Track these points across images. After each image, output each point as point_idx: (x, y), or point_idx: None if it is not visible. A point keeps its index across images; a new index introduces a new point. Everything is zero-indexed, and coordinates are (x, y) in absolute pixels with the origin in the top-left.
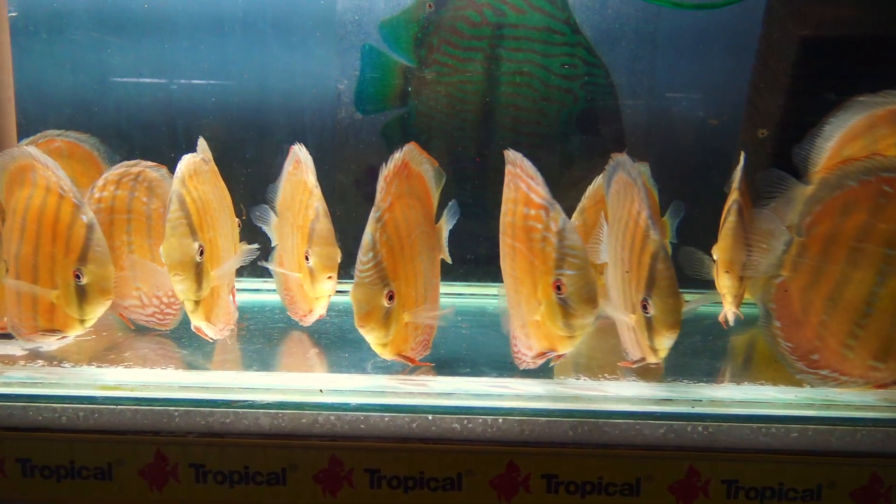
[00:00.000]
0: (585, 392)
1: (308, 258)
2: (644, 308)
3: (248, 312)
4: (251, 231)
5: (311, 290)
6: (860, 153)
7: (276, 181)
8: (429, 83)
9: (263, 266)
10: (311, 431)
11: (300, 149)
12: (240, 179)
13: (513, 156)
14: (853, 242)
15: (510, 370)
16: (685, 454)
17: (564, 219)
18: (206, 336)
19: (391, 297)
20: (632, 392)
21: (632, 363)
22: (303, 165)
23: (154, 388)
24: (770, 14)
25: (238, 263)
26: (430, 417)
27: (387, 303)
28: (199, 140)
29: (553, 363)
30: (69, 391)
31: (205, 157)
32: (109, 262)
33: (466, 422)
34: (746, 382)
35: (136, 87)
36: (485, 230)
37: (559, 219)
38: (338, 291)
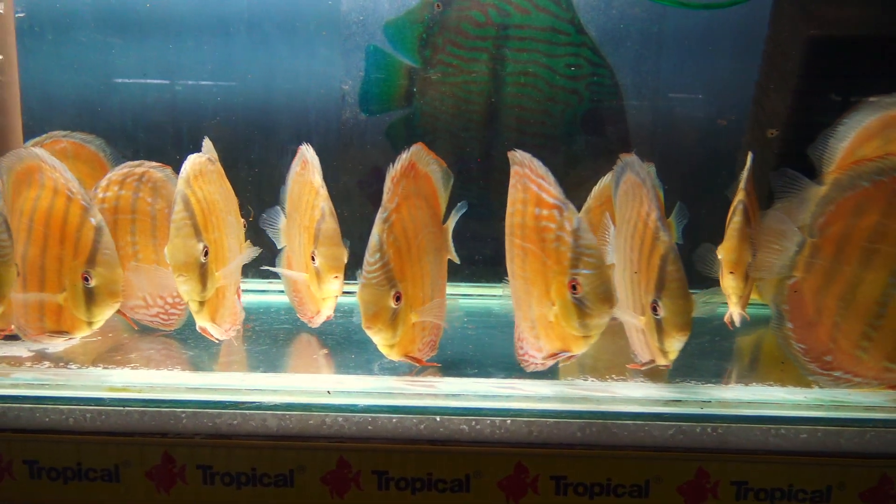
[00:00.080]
0: (594, 393)
1: (314, 258)
2: (654, 310)
3: (254, 313)
4: (258, 233)
5: (318, 291)
6: (874, 154)
7: (285, 182)
8: (433, 84)
9: (267, 269)
10: (319, 433)
11: (307, 149)
12: (243, 180)
13: (520, 156)
14: (866, 243)
15: (518, 371)
16: (694, 455)
17: (579, 218)
18: (212, 337)
19: (398, 299)
20: (640, 393)
21: (641, 365)
22: (310, 166)
23: (161, 390)
24: (777, 14)
25: (243, 262)
26: (439, 419)
27: (394, 304)
28: (205, 140)
29: (562, 364)
30: (76, 393)
31: (211, 157)
32: (118, 265)
33: (475, 423)
34: (755, 383)
35: (142, 88)
36: (489, 231)
37: (573, 218)
38: (344, 292)
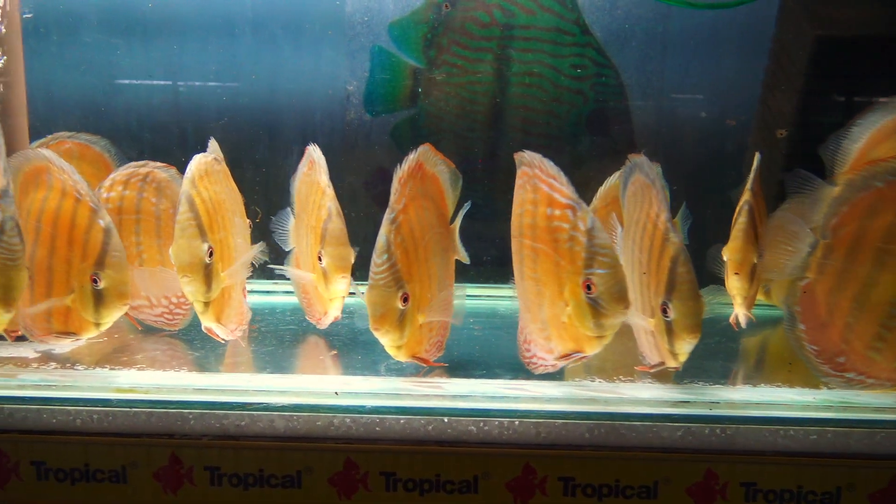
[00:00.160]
0: (602, 394)
1: (321, 259)
2: (664, 312)
3: (260, 314)
4: (266, 235)
5: (325, 292)
6: (888, 154)
7: (291, 183)
8: (438, 84)
9: (274, 268)
10: (327, 434)
11: (314, 149)
12: (248, 180)
13: (529, 157)
14: (879, 244)
15: (525, 372)
16: (703, 456)
17: (593, 218)
18: (218, 337)
19: (406, 300)
20: (648, 394)
21: (650, 368)
22: (316, 166)
23: (169, 391)
24: (784, 14)
25: (249, 262)
26: (446, 420)
27: (401, 305)
28: (210, 140)
29: (571, 365)
30: (83, 394)
31: (217, 157)
32: (127, 267)
33: (483, 424)
34: (763, 384)
35: (147, 89)
36: (494, 231)
37: (587, 217)
38: (351, 293)
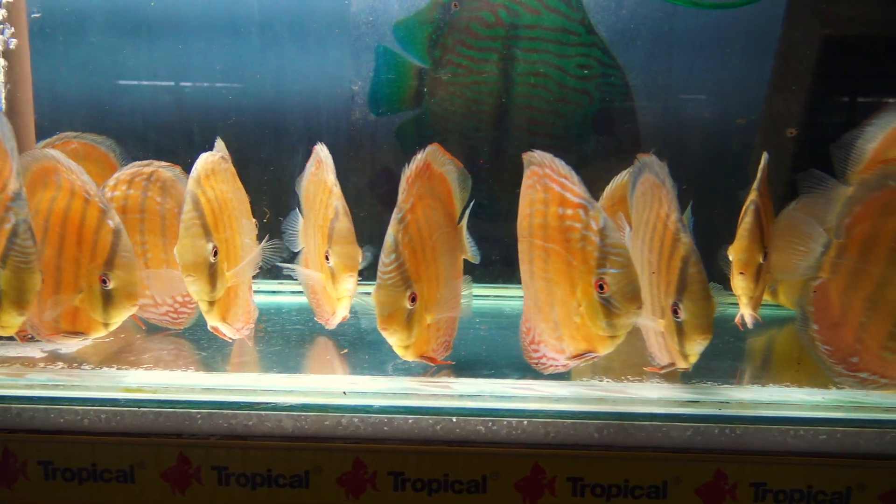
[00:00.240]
0: (611, 394)
1: (328, 258)
2: (675, 312)
3: (266, 314)
4: (274, 235)
5: (333, 291)
6: None
7: (297, 183)
8: (443, 84)
9: (281, 267)
10: (335, 434)
11: (321, 148)
12: (253, 180)
13: (539, 157)
14: (893, 243)
15: (533, 372)
16: (713, 456)
17: (605, 217)
18: (224, 336)
19: (413, 299)
20: (657, 394)
21: (660, 369)
22: (323, 165)
23: (176, 391)
24: (791, 13)
25: (255, 261)
26: (455, 419)
27: (409, 304)
28: (217, 140)
29: (581, 364)
30: (91, 393)
31: (224, 156)
32: (136, 268)
33: (491, 424)
34: (772, 384)
35: (152, 89)
36: (499, 231)
37: (599, 217)
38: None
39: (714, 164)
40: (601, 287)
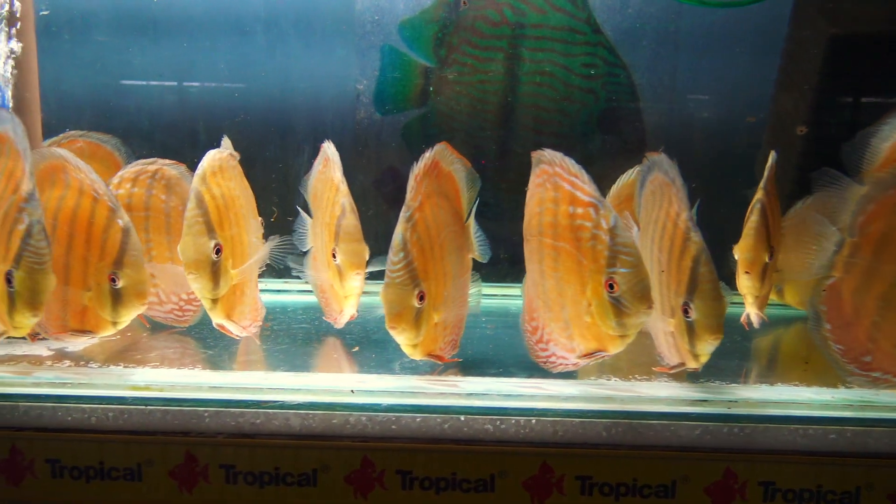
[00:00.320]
0: (619, 393)
1: (335, 256)
2: (685, 312)
3: (272, 313)
4: (282, 234)
5: (340, 289)
6: None
7: (303, 181)
8: (449, 83)
9: (287, 265)
10: (343, 432)
11: (329, 146)
12: (258, 179)
13: (549, 155)
14: None
15: (540, 371)
16: (722, 455)
17: (615, 216)
18: (231, 333)
19: (422, 298)
20: (666, 393)
21: (669, 369)
22: (331, 163)
23: (183, 389)
24: (798, 12)
25: (261, 259)
26: (463, 418)
27: (417, 303)
28: (224, 138)
29: (593, 363)
30: (98, 392)
31: (232, 153)
32: (145, 267)
33: (499, 422)
34: (780, 383)
35: (158, 89)
36: (506, 230)
37: (610, 216)
38: (364, 292)
39: (720, 164)
40: (611, 286)
